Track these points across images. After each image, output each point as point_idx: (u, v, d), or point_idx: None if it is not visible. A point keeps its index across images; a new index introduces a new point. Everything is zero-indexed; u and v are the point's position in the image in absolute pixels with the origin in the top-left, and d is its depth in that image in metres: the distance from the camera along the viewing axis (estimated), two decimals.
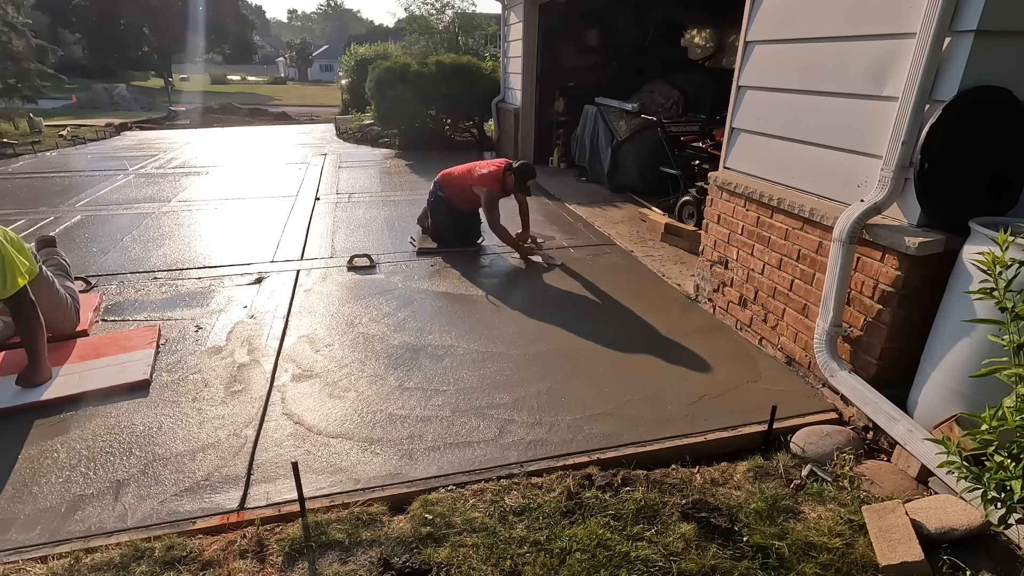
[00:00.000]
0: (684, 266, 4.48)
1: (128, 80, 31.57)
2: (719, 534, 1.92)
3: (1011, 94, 2.15)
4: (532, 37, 8.24)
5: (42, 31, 24.97)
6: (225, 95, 28.79)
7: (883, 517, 1.90)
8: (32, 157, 9.35)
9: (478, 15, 17.33)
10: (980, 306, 2.00)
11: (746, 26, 3.22)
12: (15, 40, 14.04)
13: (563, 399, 2.70)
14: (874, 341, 2.51)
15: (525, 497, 2.08)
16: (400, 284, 4.07)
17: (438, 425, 2.51)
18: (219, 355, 3.06)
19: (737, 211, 3.38)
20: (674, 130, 5.88)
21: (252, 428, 2.47)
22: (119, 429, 2.45)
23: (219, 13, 37.46)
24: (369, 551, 1.86)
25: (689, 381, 2.87)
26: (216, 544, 1.89)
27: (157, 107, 22.94)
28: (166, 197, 6.56)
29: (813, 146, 2.82)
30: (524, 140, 8.87)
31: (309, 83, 54.98)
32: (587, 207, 6.22)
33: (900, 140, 2.26)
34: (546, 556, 1.83)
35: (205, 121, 17.29)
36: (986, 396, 1.86)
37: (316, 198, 6.50)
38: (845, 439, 2.41)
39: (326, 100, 28.47)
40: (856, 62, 2.52)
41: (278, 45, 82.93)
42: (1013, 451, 1.44)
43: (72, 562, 1.79)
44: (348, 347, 3.17)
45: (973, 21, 2.03)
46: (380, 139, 10.80)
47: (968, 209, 2.21)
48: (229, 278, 4.13)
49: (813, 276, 2.82)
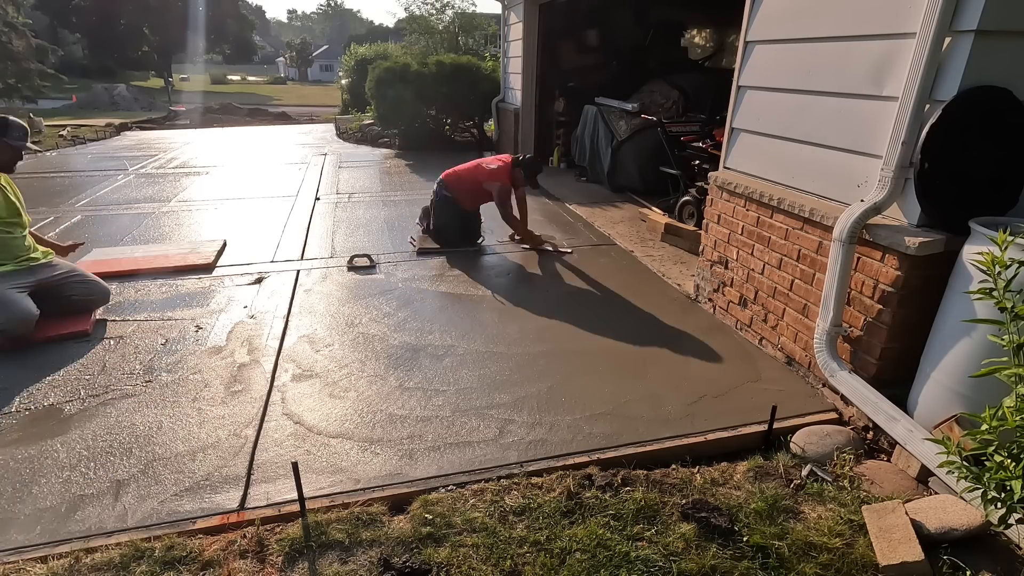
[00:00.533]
0: (684, 266, 4.48)
1: (128, 80, 31.60)
2: (719, 534, 1.92)
3: (1011, 94, 2.15)
4: (532, 37, 8.24)
5: (42, 31, 25.00)
6: (225, 95, 28.80)
7: (883, 517, 1.90)
8: (32, 157, 9.35)
9: (478, 15, 17.36)
10: (980, 306, 2.00)
11: (746, 26, 3.22)
12: (15, 40, 14.06)
13: (563, 399, 2.70)
14: (874, 341, 2.51)
15: (525, 497, 2.08)
16: (400, 284, 4.07)
17: (438, 425, 2.51)
18: (219, 355, 3.06)
19: (737, 211, 3.38)
20: (674, 130, 5.88)
21: (252, 428, 2.47)
22: (119, 429, 2.45)
23: (219, 13, 37.49)
24: (369, 551, 1.87)
25: (689, 381, 2.87)
26: (216, 544, 1.89)
27: (157, 107, 22.95)
28: (166, 197, 6.56)
29: (813, 146, 2.82)
30: (524, 140, 8.87)
31: (309, 83, 55.00)
32: (587, 207, 6.22)
33: (900, 140, 2.26)
34: (546, 556, 1.83)
35: (205, 121, 17.29)
36: (986, 396, 1.86)
37: (316, 198, 6.50)
38: (845, 439, 2.41)
39: (326, 100, 28.48)
40: (856, 62, 2.52)
41: (278, 45, 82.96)
42: (1013, 451, 1.44)
43: (72, 562, 1.79)
44: (348, 347, 3.17)
45: (973, 21, 2.03)
46: (380, 139, 10.81)
47: (968, 209, 2.21)
48: (229, 278, 4.13)
49: (813, 276, 2.82)
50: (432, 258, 4.62)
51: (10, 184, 3.43)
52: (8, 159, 3.40)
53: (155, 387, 2.77)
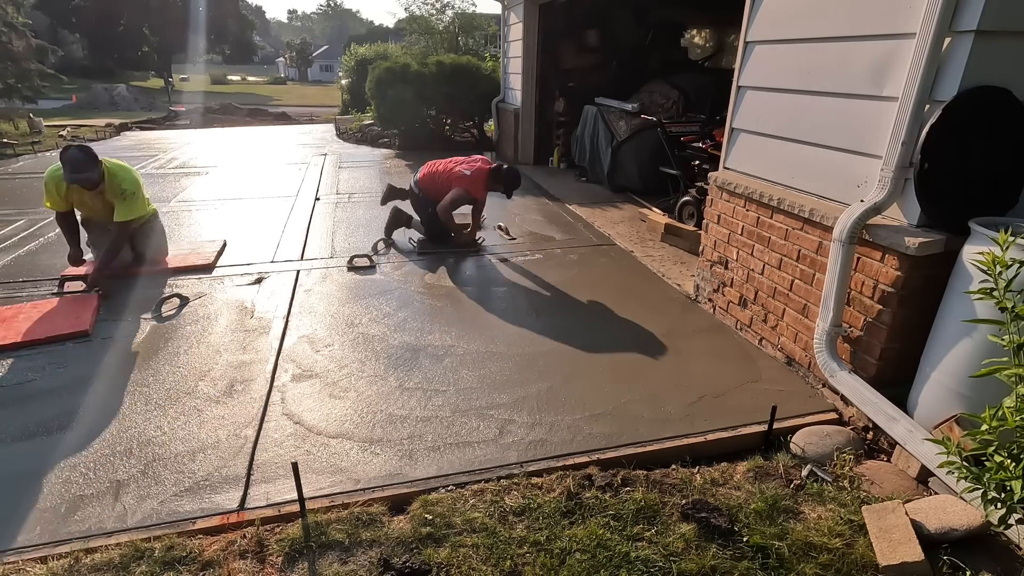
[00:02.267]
0: (684, 266, 4.48)
1: (128, 80, 31.58)
2: (719, 534, 1.92)
3: (1011, 94, 2.15)
4: (532, 37, 8.24)
5: (42, 31, 24.99)
6: (225, 95, 28.79)
7: (883, 517, 1.90)
8: (32, 157, 9.36)
9: (478, 15, 17.34)
10: (980, 306, 2.00)
11: (746, 26, 3.22)
12: (15, 40, 14.05)
13: (563, 399, 2.70)
14: (874, 341, 2.51)
15: (525, 497, 2.08)
16: (400, 284, 4.07)
17: (438, 425, 2.51)
18: (219, 355, 3.06)
19: (737, 211, 3.38)
20: (674, 130, 5.88)
21: (252, 428, 2.47)
22: (119, 429, 2.45)
23: (219, 13, 37.46)
24: (369, 551, 1.86)
25: (689, 381, 2.87)
26: (216, 544, 1.89)
27: (157, 107, 22.95)
28: (166, 197, 6.56)
29: (813, 146, 2.82)
30: (524, 140, 8.88)
31: (309, 83, 54.98)
32: (587, 207, 6.22)
33: (900, 140, 2.26)
34: (546, 556, 1.83)
35: (205, 121, 17.29)
36: (986, 396, 1.86)
37: (316, 198, 6.50)
38: (845, 439, 2.41)
39: (326, 100, 28.47)
40: (856, 62, 2.52)
41: (278, 45, 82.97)
42: (1013, 451, 1.44)
43: (72, 562, 1.79)
44: (348, 347, 3.17)
45: (973, 21, 2.03)
46: (380, 139, 10.81)
47: (968, 209, 2.21)
48: (229, 278, 4.13)
49: (813, 276, 2.82)
50: (432, 258, 4.62)
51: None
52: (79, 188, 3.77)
53: (155, 387, 2.76)
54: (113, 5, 30.93)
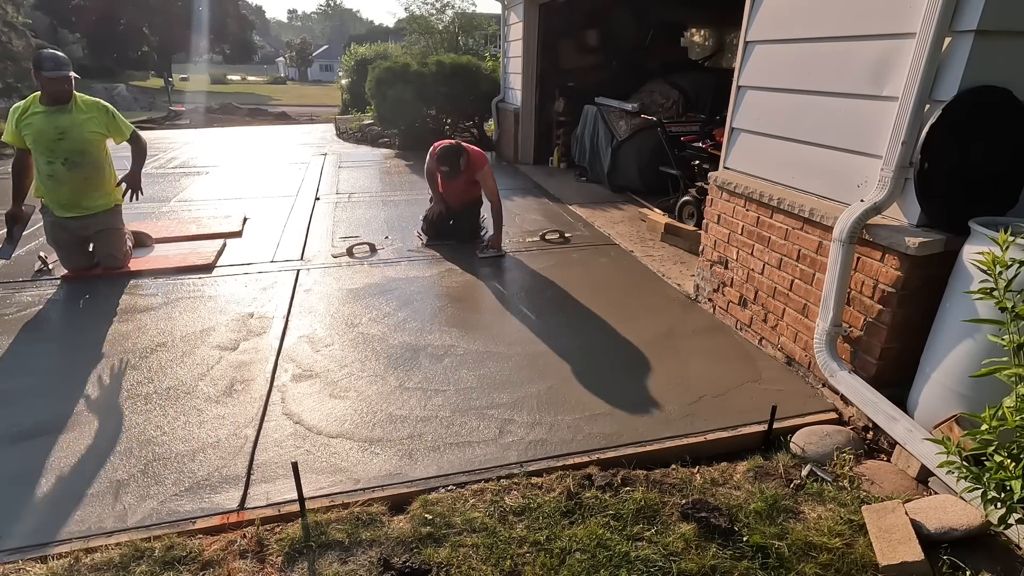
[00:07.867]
0: (684, 266, 4.48)
1: (128, 80, 31.62)
2: (719, 534, 1.92)
3: (1011, 94, 2.15)
4: (532, 37, 8.24)
5: (42, 31, 24.98)
6: (225, 95, 28.80)
7: (883, 517, 1.90)
8: None
9: (478, 15, 17.36)
10: (980, 306, 2.00)
11: (746, 26, 3.22)
12: (15, 40, 14.06)
13: (563, 399, 2.70)
14: (874, 341, 2.51)
15: (525, 497, 2.08)
16: (400, 284, 4.07)
17: (438, 425, 2.51)
18: (219, 355, 3.06)
19: (737, 211, 3.38)
20: (674, 130, 5.88)
21: (252, 428, 2.47)
22: (118, 429, 2.45)
23: (219, 13, 37.47)
24: (369, 551, 1.86)
25: (689, 381, 2.87)
26: (216, 544, 1.89)
27: (157, 107, 22.97)
28: (166, 197, 6.55)
29: (813, 146, 2.82)
30: (524, 140, 8.87)
31: (309, 83, 55.00)
32: (587, 207, 6.22)
33: (900, 140, 2.26)
34: (546, 556, 1.83)
35: (205, 121, 17.31)
36: (986, 396, 1.86)
37: (316, 198, 6.50)
38: (845, 439, 2.41)
39: (326, 100, 28.49)
40: (856, 62, 2.52)
41: (278, 45, 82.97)
42: (1013, 451, 1.44)
43: (72, 562, 1.79)
44: (348, 347, 3.17)
45: (973, 21, 2.03)
46: (380, 139, 10.80)
47: (968, 209, 2.21)
48: (229, 278, 4.13)
49: (813, 276, 2.82)
50: (432, 258, 4.62)
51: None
52: (53, 92, 3.67)
53: (155, 387, 2.76)
54: (113, 5, 30.93)
